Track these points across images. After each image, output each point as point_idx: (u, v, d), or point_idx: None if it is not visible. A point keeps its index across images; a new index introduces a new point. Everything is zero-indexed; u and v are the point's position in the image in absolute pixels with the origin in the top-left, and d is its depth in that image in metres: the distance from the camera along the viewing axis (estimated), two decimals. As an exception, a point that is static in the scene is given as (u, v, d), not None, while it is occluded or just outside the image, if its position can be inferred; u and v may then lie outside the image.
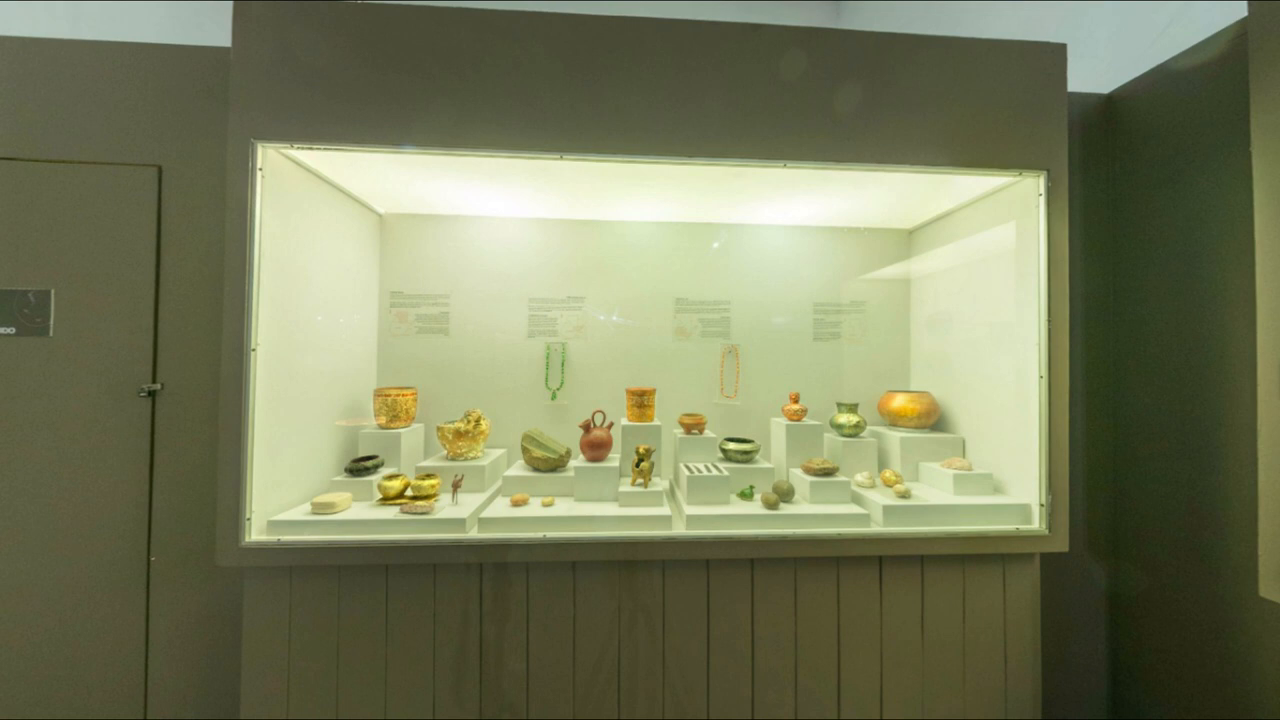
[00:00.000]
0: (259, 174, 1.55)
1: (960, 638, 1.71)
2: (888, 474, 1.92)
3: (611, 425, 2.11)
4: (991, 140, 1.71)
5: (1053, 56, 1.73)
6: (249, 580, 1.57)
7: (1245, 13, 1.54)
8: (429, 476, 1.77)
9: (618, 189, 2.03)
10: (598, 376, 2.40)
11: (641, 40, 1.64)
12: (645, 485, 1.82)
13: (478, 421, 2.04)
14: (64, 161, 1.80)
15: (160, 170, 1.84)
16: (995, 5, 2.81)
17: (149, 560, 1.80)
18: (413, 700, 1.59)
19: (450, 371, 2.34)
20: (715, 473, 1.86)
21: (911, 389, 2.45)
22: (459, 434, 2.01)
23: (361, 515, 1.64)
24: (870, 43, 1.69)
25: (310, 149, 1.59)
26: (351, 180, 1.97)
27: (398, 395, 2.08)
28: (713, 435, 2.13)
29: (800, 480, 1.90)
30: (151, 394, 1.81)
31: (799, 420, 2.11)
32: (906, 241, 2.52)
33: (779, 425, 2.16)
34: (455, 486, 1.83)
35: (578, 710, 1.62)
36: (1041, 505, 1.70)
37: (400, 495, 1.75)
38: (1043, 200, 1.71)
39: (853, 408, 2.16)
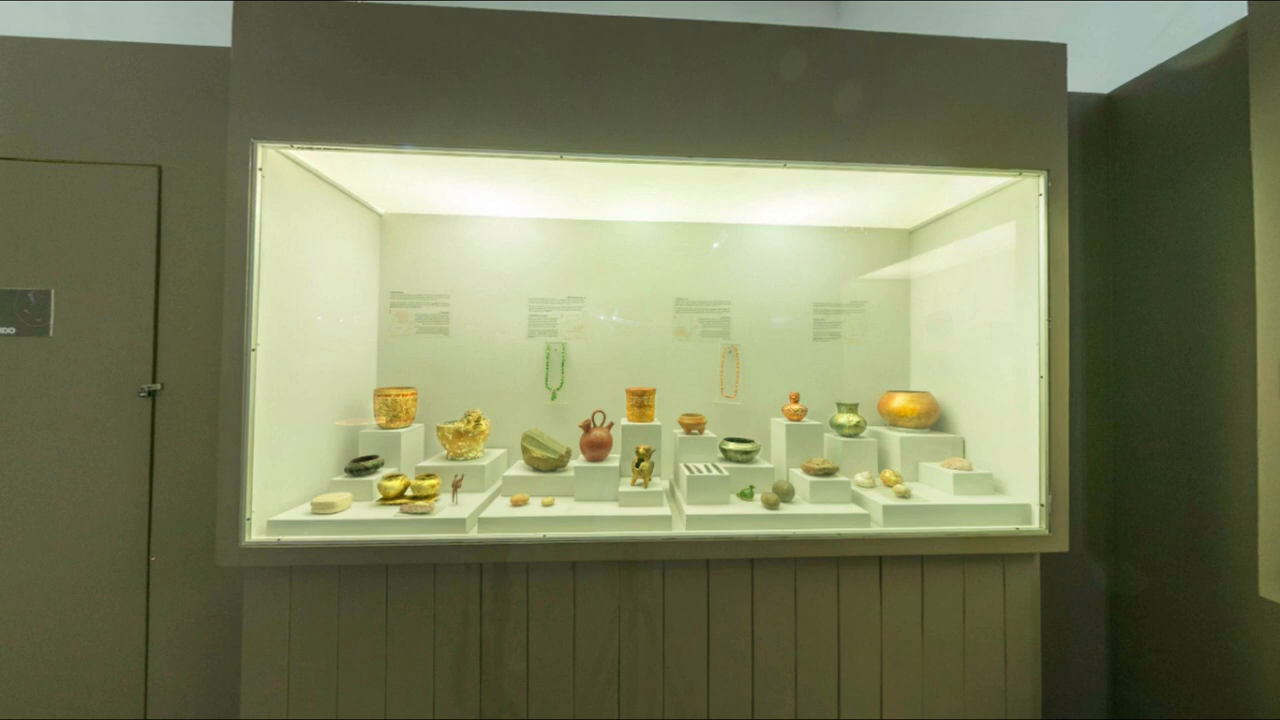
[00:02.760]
0: (259, 174, 1.55)
1: (960, 638, 1.71)
2: (888, 474, 1.92)
3: (611, 425, 2.11)
4: (991, 140, 1.71)
5: (1053, 56, 1.73)
6: (249, 580, 1.57)
7: (1245, 13, 1.54)
8: (429, 476, 1.77)
9: (618, 189, 2.03)
10: (598, 376, 2.40)
11: (641, 40, 1.64)
12: (645, 485, 1.82)
13: (478, 421, 2.04)
14: (64, 161, 1.80)
15: (160, 170, 1.84)
16: (995, 5, 2.81)
17: (149, 560, 1.80)
18: (413, 700, 1.59)
19: (450, 371, 2.34)
20: (715, 473, 1.86)
21: (911, 389, 2.44)
22: (459, 434, 2.01)
23: (361, 515, 1.64)
24: (870, 43, 1.69)
25: (310, 149, 1.59)
26: (351, 180, 1.97)
27: (398, 395, 2.08)
28: (713, 435, 2.13)
29: (800, 480, 1.90)
30: (151, 394, 1.81)
31: (799, 420, 2.11)
32: (906, 241, 2.52)
33: (779, 425, 2.16)
34: (455, 486, 1.83)
35: (578, 710, 1.62)
36: (1041, 505, 1.70)
37: (400, 495, 1.75)
38: (1043, 200, 1.71)
39: (853, 408, 2.16)
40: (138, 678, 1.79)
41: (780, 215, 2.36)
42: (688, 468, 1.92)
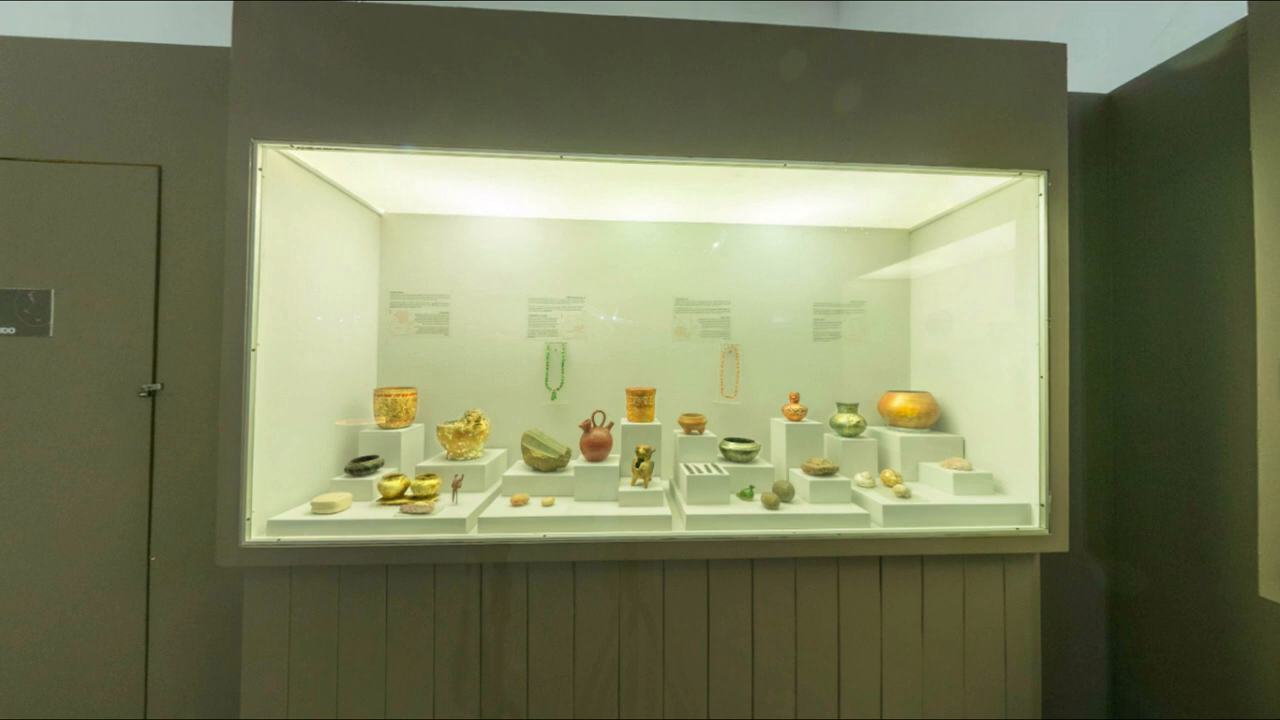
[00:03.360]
0: (259, 174, 1.55)
1: (960, 638, 1.71)
2: (888, 474, 1.92)
3: (611, 425, 2.11)
4: (991, 140, 1.71)
5: (1053, 56, 1.73)
6: (249, 580, 1.57)
7: (1245, 13, 1.54)
8: (429, 476, 1.77)
9: (618, 189, 2.03)
10: (598, 376, 2.40)
11: (641, 40, 1.64)
12: (645, 485, 1.82)
13: (478, 421, 2.04)
14: (64, 161, 1.80)
15: (160, 170, 1.84)
16: (995, 5, 2.81)
17: (149, 560, 1.80)
18: (413, 700, 1.59)
19: (450, 371, 2.34)
20: (715, 473, 1.86)
21: (911, 389, 2.44)
22: (459, 434, 2.01)
23: (361, 515, 1.64)
24: (870, 43, 1.69)
25: (310, 149, 1.59)
26: (351, 180, 1.97)
27: (398, 395, 2.08)
28: (713, 435, 2.13)
29: (800, 480, 1.90)
30: (151, 394, 1.81)
31: (799, 420, 2.11)
32: (906, 241, 2.52)
33: (779, 425, 2.16)
34: (455, 486, 1.83)
35: (578, 710, 1.62)
36: (1041, 505, 1.70)
37: (400, 495, 1.75)
38: (1043, 200, 1.71)
39: (853, 408, 2.16)
40: (138, 678, 1.79)
41: (780, 215, 2.36)
42: (688, 468, 1.92)
